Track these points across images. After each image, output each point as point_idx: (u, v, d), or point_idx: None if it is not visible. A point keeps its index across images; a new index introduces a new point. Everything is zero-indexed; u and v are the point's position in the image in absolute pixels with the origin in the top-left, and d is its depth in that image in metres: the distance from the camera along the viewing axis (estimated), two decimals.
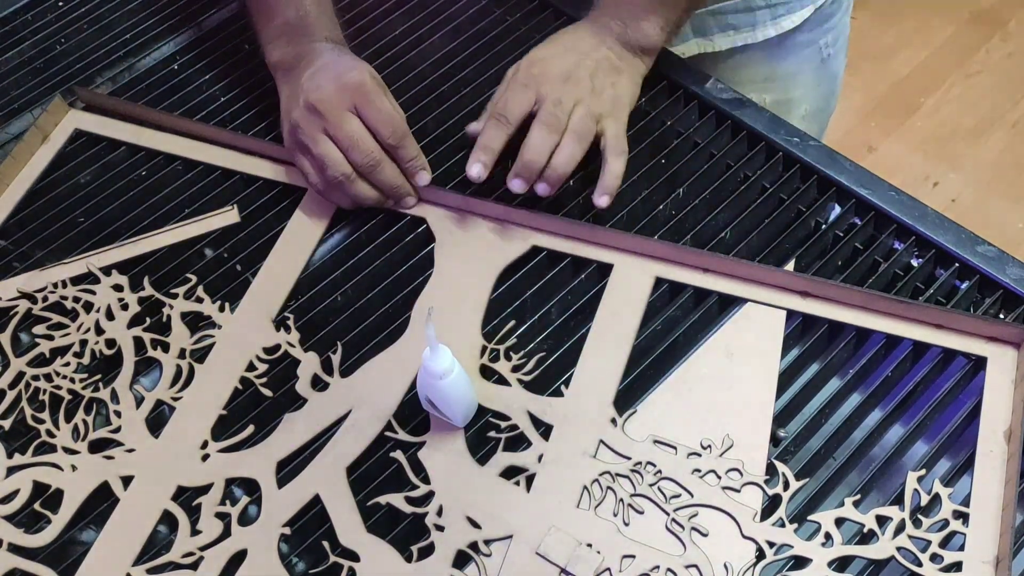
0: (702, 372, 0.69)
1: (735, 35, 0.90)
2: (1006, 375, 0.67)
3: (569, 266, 0.76)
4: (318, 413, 0.69)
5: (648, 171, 0.80)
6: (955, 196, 1.93)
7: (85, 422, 0.70)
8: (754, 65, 0.93)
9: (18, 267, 0.80)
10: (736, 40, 0.90)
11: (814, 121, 1.02)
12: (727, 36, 0.90)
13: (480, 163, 0.75)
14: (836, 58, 0.98)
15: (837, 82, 1.03)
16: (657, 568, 0.61)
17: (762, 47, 0.91)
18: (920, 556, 0.61)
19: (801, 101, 0.98)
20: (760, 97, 0.94)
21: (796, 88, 0.96)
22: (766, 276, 0.72)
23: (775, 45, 0.91)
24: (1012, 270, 0.72)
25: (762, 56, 0.92)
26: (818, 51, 0.94)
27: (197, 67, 0.92)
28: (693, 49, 0.92)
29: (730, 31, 0.90)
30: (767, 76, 0.94)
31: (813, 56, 0.95)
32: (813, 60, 0.95)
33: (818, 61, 0.96)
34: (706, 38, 0.90)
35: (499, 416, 0.68)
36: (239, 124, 0.87)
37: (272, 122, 0.86)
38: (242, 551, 0.64)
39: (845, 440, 0.67)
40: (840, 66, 1.01)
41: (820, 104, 1.01)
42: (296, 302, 0.76)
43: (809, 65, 0.95)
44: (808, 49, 0.93)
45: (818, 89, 0.99)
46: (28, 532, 0.66)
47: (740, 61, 0.92)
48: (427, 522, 0.64)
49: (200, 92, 0.90)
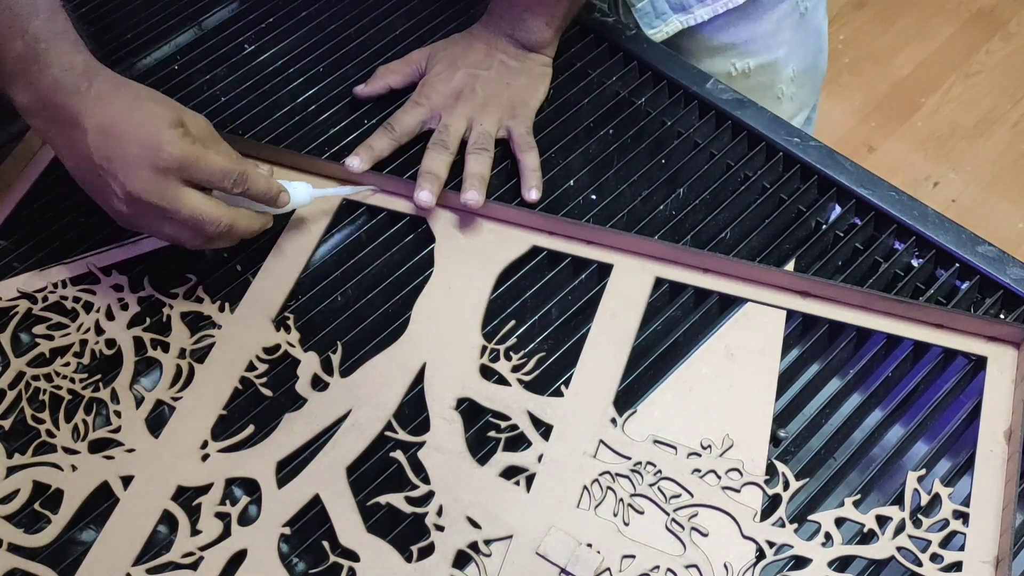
0: (702, 372, 0.69)
1: (714, 3, 0.91)
2: (1006, 375, 0.67)
3: (569, 266, 0.76)
4: (318, 413, 0.69)
5: (648, 171, 0.80)
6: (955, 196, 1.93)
7: (85, 422, 0.70)
8: (732, 28, 0.93)
9: (18, 267, 0.80)
10: (717, 8, 0.91)
11: (805, 82, 1.02)
12: (706, 6, 0.91)
13: (358, 157, 0.79)
14: (815, 12, 0.99)
15: (822, 38, 1.03)
16: (657, 568, 0.61)
17: (739, 10, 0.92)
18: (920, 556, 0.61)
19: (787, 61, 0.98)
20: (745, 63, 0.95)
21: (779, 47, 0.96)
22: (766, 276, 0.72)
23: (751, 6, 0.92)
24: (1012, 270, 0.72)
25: (739, 18, 0.92)
26: (795, 6, 0.95)
27: (197, 67, 0.92)
28: (676, 26, 0.92)
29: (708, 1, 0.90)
30: (747, 38, 0.94)
31: (791, 12, 0.95)
32: (791, 16, 0.95)
33: (797, 17, 0.96)
34: (686, 12, 0.91)
35: (499, 416, 0.68)
36: (239, 124, 0.87)
37: (272, 122, 0.86)
38: (242, 551, 0.64)
39: (845, 440, 0.67)
40: (821, 21, 1.01)
41: (808, 62, 1.01)
42: (296, 302, 0.76)
43: (788, 22, 0.96)
44: (784, 4, 0.94)
45: (803, 47, 0.99)
46: (28, 532, 0.66)
47: (718, 26, 0.93)
48: (427, 522, 0.64)
49: (200, 92, 0.89)
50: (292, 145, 0.84)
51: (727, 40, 0.94)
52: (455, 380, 0.70)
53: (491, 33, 0.85)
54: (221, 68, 0.91)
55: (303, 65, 0.91)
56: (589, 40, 0.90)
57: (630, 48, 0.88)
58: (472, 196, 0.76)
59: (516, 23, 0.84)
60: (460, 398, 0.69)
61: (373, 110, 0.87)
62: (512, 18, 0.84)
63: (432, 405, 0.69)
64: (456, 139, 0.81)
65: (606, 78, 0.87)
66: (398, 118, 0.82)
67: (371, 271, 0.77)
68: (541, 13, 0.83)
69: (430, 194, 0.77)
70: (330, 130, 0.86)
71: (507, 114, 0.83)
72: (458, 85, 0.83)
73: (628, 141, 0.82)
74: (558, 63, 0.88)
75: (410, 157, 0.82)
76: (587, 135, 0.83)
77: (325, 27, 0.94)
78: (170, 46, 0.95)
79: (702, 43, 0.94)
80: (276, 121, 0.87)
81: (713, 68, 0.94)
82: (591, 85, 0.86)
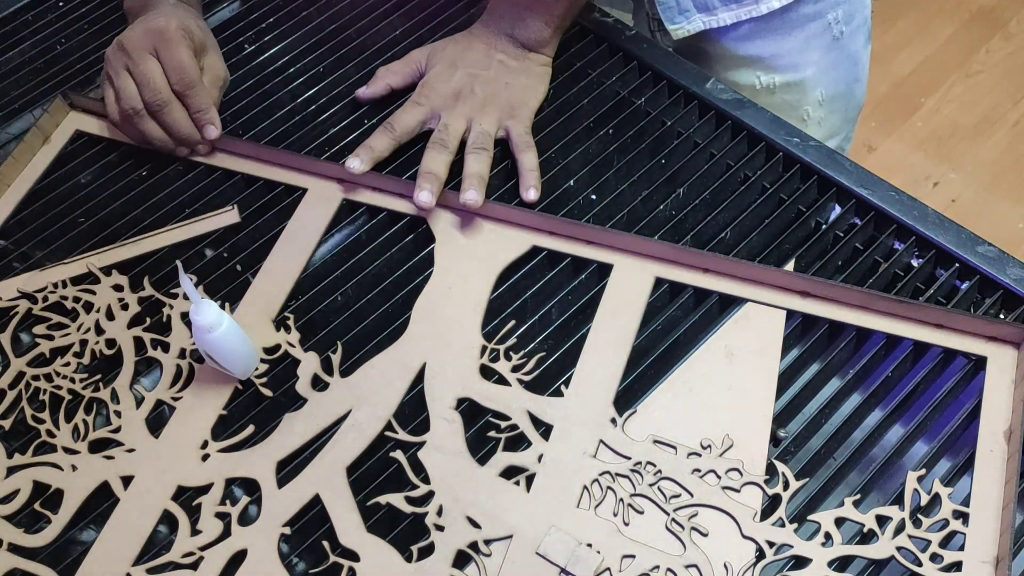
0: (702, 372, 0.69)
1: (739, 8, 0.90)
2: (1006, 375, 0.67)
3: (569, 266, 0.76)
4: (318, 413, 0.69)
5: (648, 171, 0.80)
6: (955, 196, 1.93)
7: (85, 422, 0.70)
8: (758, 40, 0.92)
9: (18, 267, 0.80)
10: (740, 14, 0.90)
11: (835, 108, 1.00)
12: (731, 11, 0.90)
13: (359, 158, 0.79)
14: (853, 39, 0.96)
15: (859, 67, 1.00)
16: (657, 568, 0.61)
17: (766, 20, 0.91)
18: (920, 556, 0.61)
19: (815, 83, 0.96)
20: (770, 78, 0.94)
21: (807, 67, 0.95)
22: (766, 276, 0.72)
23: (779, 18, 0.91)
24: (1012, 270, 0.72)
25: (766, 30, 0.91)
26: (827, 27, 0.93)
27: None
28: (698, 25, 0.92)
29: (732, 5, 0.90)
30: (774, 52, 0.93)
31: (822, 32, 0.93)
32: (823, 37, 0.94)
33: (829, 39, 0.94)
34: (709, 13, 0.90)
35: (499, 416, 0.68)
36: (239, 124, 0.87)
37: (272, 122, 0.86)
38: (242, 551, 0.64)
39: (845, 440, 0.67)
40: (860, 49, 0.99)
41: (839, 89, 0.99)
42: (296, 302, 0.76)
43: (819, 42, 0.94)
44: (815, 23, 0.92)
45: (834, 71, 0.97)
46: (28, 532, 0.66)
47: (744, 35, 0.92)
48: (427, 522, 0.64)
49: None
50: (292, 145, 0.84)
51: (753, 52, 0.93)
52: (455, 380, 0.70)
53: (491, 32, 0.86)
54: None
55: (303, 65, 0.91)
56: (589, 40, 0.90)
57: (630, 48, 0.88)
58: (471, 196, 0.76)
59: (515, 22, 0.84)
60: (460, 398, 0.69)
61: (372, 110, 0.87)
62: (511, 17, 0.84)
63: (432, 405, 0.69)
64: (455, 139, 0.81)
65: (606, 78, 0.87)
66: (398, 118, 0.82)
67: (371, 271, 0.77)
68: (540, 12, 0.83)
69: (430, 194, 0.77)
70: (330, 130, 0.86)
71: (506, 114, 0.83)
72: (457, 85, 0.83)
73: (628, 141, 0.82)
74: (558, 63, 0.88)
75: (410, 157, 0.82)
76: (587, 135, 0.83)
77: (325, 27, 0.94)
78: None
79: (728, 52, 0.93)
80: (276, 121, 0.87)
81: (738, 79, 0.94)
82: (591, 85, 0.86)
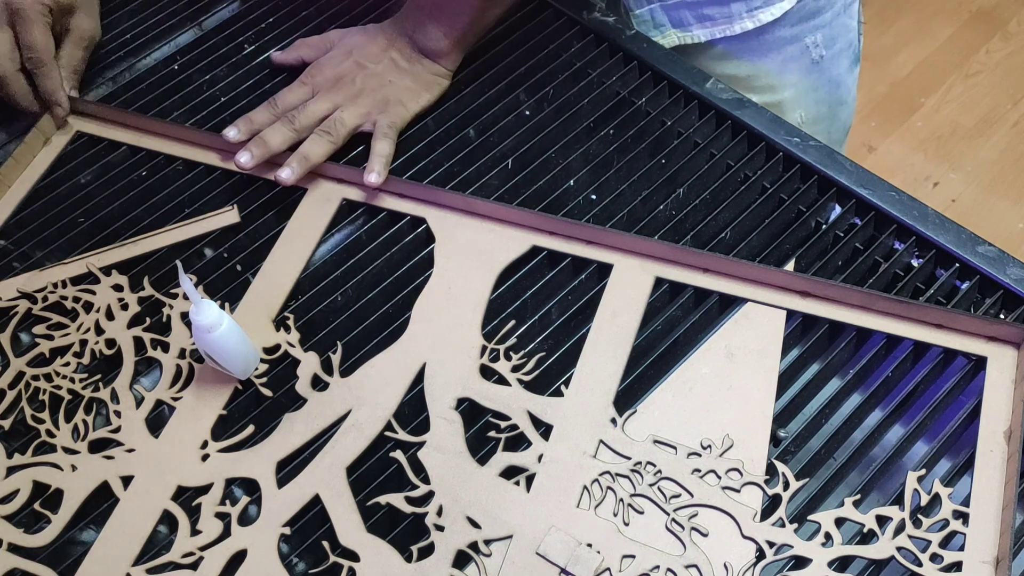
0: (702, 372, 0.69)
1: (712, 27, 0.90)
2: (1006, 375, 0.67)
3: (569, 266, 0.76)
4: (318, 413, 0.69)
5: (648, 171, 0.80)
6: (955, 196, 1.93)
7: (85, 422, 0.70)
8: (735, 59, 0.92)
9: (18, 267, 0.80)
10: (715, 32, 0.90)
11: (818, 131, 0.99)
12: (705, 28, 0.90)
13: (236, 128, 0.82)
14: (835, 62, 0.96)
15: (842, 90, 1.00)
16: (657, 568, 0.61)
17: (742, 40, 0.91)
18: (920, 556, 0.61)
19: (793, 106, 0.96)
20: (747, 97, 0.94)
21: (784, 89, 0.95)
22: (766, 276, 0.72)
23: (754, 39, 0.91)
24: (1012, 270, 0.72)
25: (743, 50, 0.91)
26: (805, 50, 0.93)
27: (197, 67, 0.92)
28: (672, 40, 0.92)
29: (707, 23, 0.90)
30: (750, 73, 0.93)
31: (799, 55, 0.93)
32: (800, 60, 0.94)
33: (808, 62, 0.94)
34: (684, 30, 0.91)
35: (499, 416, 0.68)
36: None
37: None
38: (242, 551, 0.64)
39: (845, 440, 0.67)
40: (844, 73, 0.98)
41: (820, 111, 0.99)
42: (296, 302, 0.76)
43: (796, 65, 0.94)
44: (791, 46, 0.92)
45: (814, 95, 0.97)
46: (28, 532, 0.66)
47: (721, 54, 0.92)
48: (427, 522, 0.64)
49: (200, 92, 0.89)
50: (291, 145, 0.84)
51: (730, 71, 0.93)
52: (455, 380, 0.70)
53: (395, 31, 0.87)
54: (221, 68, 0.91)
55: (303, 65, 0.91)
56: (589, 40, 0.90)
57: (630, 48, 0.88)
58: (285, 173, 0.79)
59: (417, 27, 0.85)
60: (460, 398, 0.69)
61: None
62: (415, 21, 0.85)
63: (432, 405, 0.69)
64: (309, 120, 0.82)
65: (606, 78, 0.87)
66: (282, 94, 0.84)
67: (371, 271, 0.77)
68: (441, 23, 0.84)
69: (251, 157, 0.80)
70: None
71: (377, 109, 0.83)
72: (342, 71, 0.85)
73: (628, 141, 0.82)
74: (558, 63, 0.88)
75: (410, 157, 0.83)
76: (587, 135, 0.83)
77: (325, 27, 0.93)
78: (170, 46, 0.95)
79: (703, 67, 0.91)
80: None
81: None
82: (591, 85, 0.86)
